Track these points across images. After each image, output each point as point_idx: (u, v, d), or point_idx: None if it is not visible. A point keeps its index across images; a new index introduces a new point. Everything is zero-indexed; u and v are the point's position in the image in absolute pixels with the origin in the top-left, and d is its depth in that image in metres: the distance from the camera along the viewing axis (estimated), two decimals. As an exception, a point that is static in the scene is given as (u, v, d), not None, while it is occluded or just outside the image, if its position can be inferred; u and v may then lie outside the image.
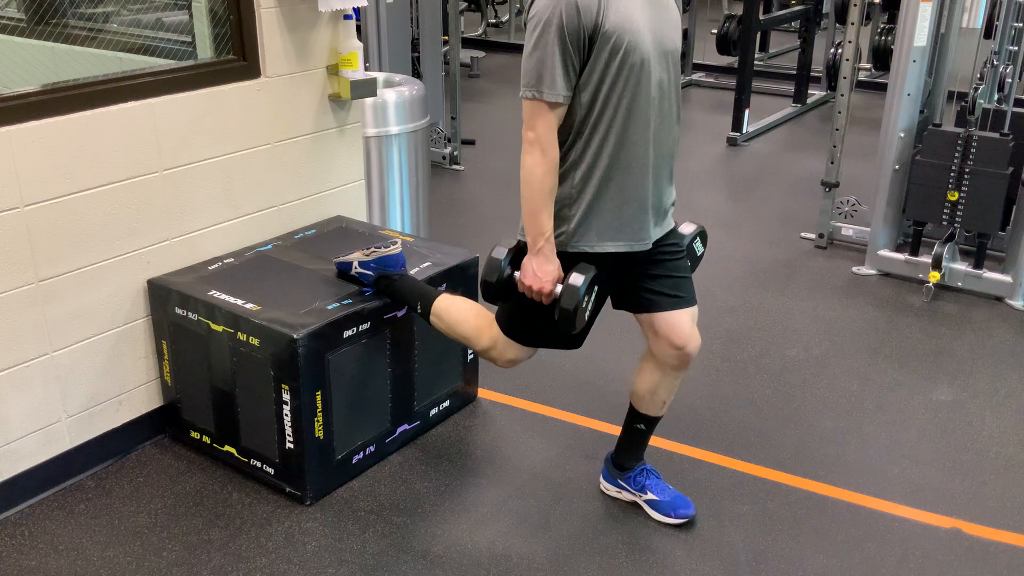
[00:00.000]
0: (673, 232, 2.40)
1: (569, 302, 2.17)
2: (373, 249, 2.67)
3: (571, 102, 2.14)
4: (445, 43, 5.98)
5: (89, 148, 2.54)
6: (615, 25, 2.07)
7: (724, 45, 7.50)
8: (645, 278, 2.35)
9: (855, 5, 4.59)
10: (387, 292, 2.68)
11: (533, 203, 2.17)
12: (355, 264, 2.70)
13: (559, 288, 2.20)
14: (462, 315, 2.55)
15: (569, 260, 2.23)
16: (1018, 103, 4.13)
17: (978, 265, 4.01)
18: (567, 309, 2.17)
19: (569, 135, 2.18)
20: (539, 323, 2.33)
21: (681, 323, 2.37)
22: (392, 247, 2.66)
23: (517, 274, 2.26)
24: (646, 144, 2.20)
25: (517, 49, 9.53)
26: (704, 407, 3.14)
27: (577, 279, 2.17)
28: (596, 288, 2.23)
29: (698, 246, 2.58)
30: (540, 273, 2.20)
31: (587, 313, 2.24)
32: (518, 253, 2.28)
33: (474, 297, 2.84)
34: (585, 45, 2.08)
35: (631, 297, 2.40)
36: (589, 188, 2.20)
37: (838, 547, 2.50)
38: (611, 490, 2.67)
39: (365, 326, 2.63)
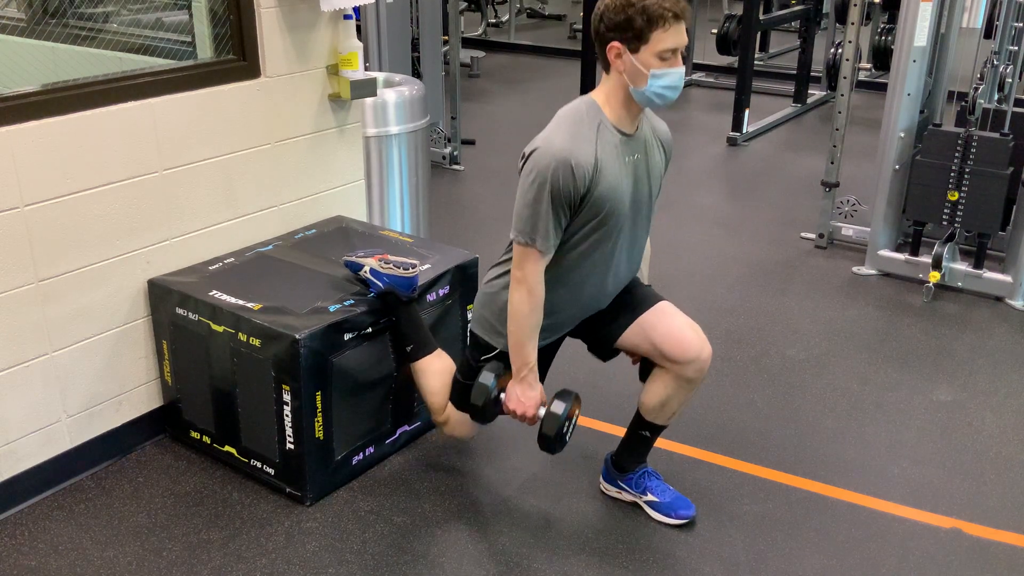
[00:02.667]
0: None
1: (550, 429, 2.36)
2: (393, 265, 2.65)
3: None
4: (445, 43, 5.98)
5: (89, 148, 2.54)
6: (601, 194, 2.21)
7: (724, 45, 7.50)
8: (598, 321, 2.48)
9: (855, 5, 4.58)
10: (388, 311, 2.68)
11: (519, 336, 2.32)
12: (367, 269, 2.68)
13: (542, 411, 2.39)
14: (437, 386, 2.65)
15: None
16: (1018, 103, 4.13)
17: (978, 265, 4.01)
18: (547, 435, 2.37)
19: None
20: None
21: (672, 331, 2.39)
22: (410, 272, 2.64)
23: (503, 396, 2.43)
24: (603, 277, 2.37)
25: (517, 49, 9.54)
26: (704, 407, 3.14)
27: (558, 407, 2.36)
28: (576, 414, 2.42)
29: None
30: (524, 399, 2.38)
31: (567, 437, 2.41)
32: (501, 376, 2.44)
33: (472, 294, 2.84)
34: (575, 205, 2.21)
35: (600, 344, 2.54)
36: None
37: (838, 547, 2.50)
38: (611, 490, 2.67)
39: (366, 327, 2.63)
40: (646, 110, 2.32)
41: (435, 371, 2.65)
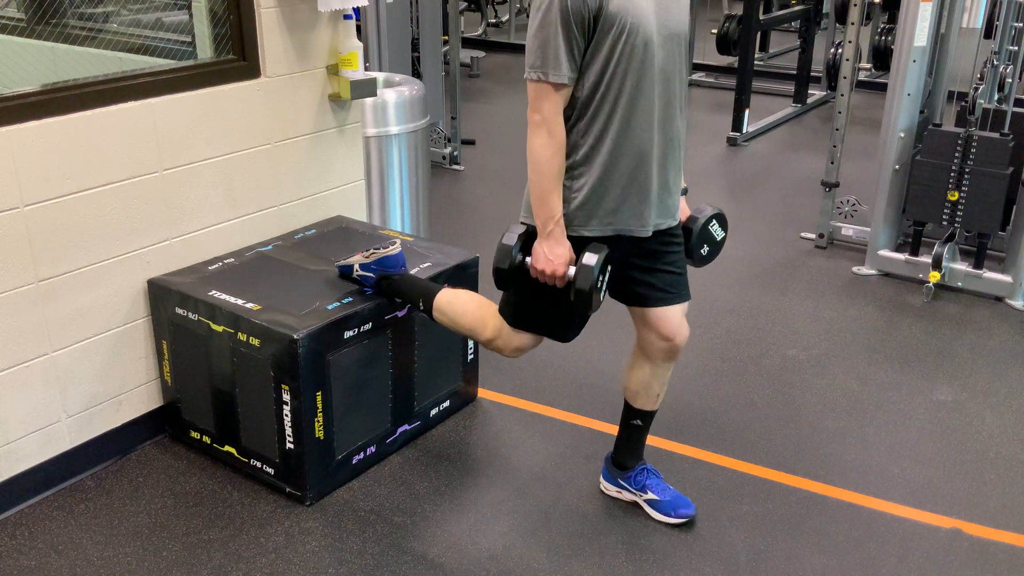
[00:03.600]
0: (676, 226, 2.38)
1: (584, 282, 2.15)
2: (373, 251, 2.67)
3: (574, 83, 2.13)
4: (445, 43, 5.98)
5: (89, 148, 2.54)
6: (619, 6, 2.06)
7: (724, 45, 7.50)
8: (640, 270, 2.34)
9: (855, 5, 4.59)
10: (389, 292, 2.68)
11: (542, 186, 2.15)
12: (356, 267, 2.69)
13: (572, 270, 2.19)
14: (465, 307, 2.53)
15: (572, 244, 2.22)
16: (1018, 103, 4.12)
17: (978, 265, 4.01)
18: (583, 289, 2.15)
19: (571, 117, 2.17)
20: (548, 308, 2.32)
21: (671, 316, 2.38)
22: (391, 247, 2.66)
23: (529, 259, 2.23)
24: (650, 129, 2.18)
25: (517, 49, 9.53)
26: (704, 407, 3.14)
27: (591, 259, 2.15)
28: (609, 267, 2.22)
29: (716, 231, 2.47)
30: (552, 256, 2.18)
31: (602, 293, 2.22)
32: (528, 238, 2.25)
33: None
34: (589, 26, 2.07)
35: (624, 288, 2.39)
36: (591, 171, 2.18)
37: (838, 547, 2.50)
38: (611, 490, 2.67)
39: (365, 326, 2.63)
40: None
41: (450, 299, 2.55)
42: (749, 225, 4.87)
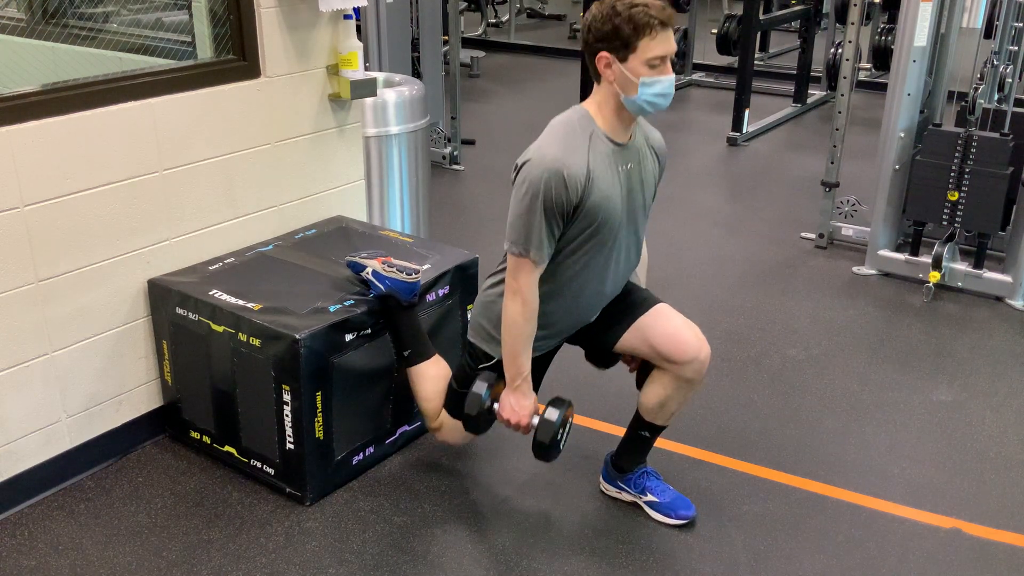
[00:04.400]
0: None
1: (544, 436, 2.37)
2: (395, 270, 2.63)
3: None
4: (445, 43, 5.98)
5: (89, 148, 2.54)
6: (595, 204, 2.21)
7: (724, 45, 7.50)
8: (596, 327, 2.48)
9: (855, 5, 4.59)
10: (387, 314, 2.67)
11: (514, 346, 2.33)
12: (369, 271, 2.67)
13: (535, 420, 2.39)
14: (432, 392, 2.65)
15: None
16: (1018, 103, 4.13)
17: (978, 265, 4.01)
18: (542, 442, 2.37)
19: None
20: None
21: (669, 331, 2.38)
22: (412, 276, 2.63)
23: (496, 406, 2.43)
24: (601, 286, 2.38)
25: (517, 49, 9.54)
26: (704, 407, 3.14)
27: (552, 414, 2.37)
28: (570, 422, 2.44)
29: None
30: (518, 408, 2.38)
31: (563, 443, 2.43)
32: (494, 385, 2.44)
33: (472, 294, 2.84)
34: (568, 215, 2.21)
35: (598, 349, 2.55)
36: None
37: (838, 547, 2.50)
38: (611, 491, 2.67)
39: (366, 328, 2.63)
40: (639, 119, 2.32)
41: (431, 377, 2.65)
42: (749, 225, 4.88)
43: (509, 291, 2.29)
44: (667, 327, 2.39)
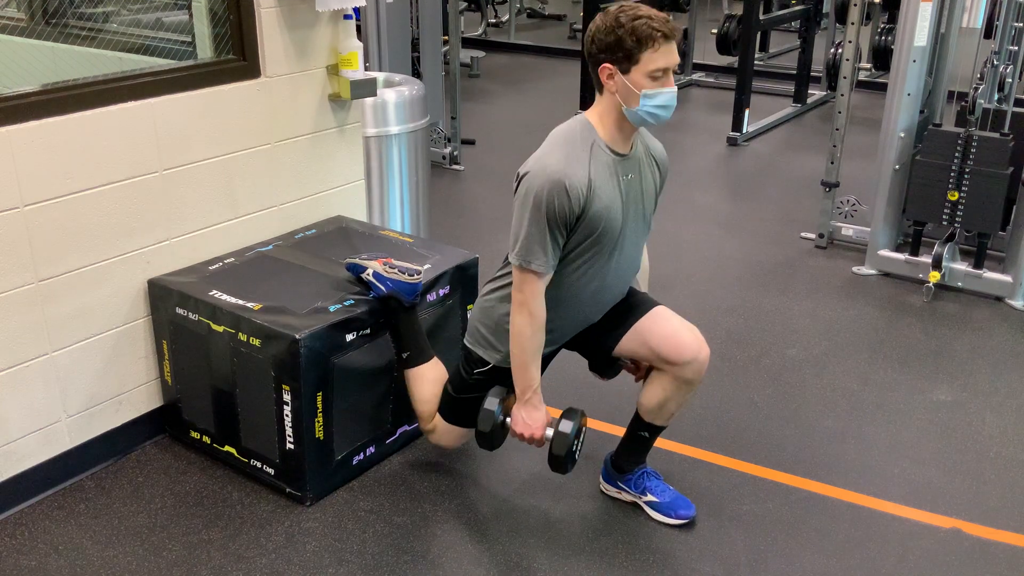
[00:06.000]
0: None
1: (560, 449, 2.35)
2: (396, 271, 2.63)
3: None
4: (445, 43, 5.98)
5: (89, 148, 2.54)
6: (596, 214, 2.22)
7: (724, 45, 7.49)
8: (596, 332, 2.48)
9: (855, 5, 4.59)
10: (387, 315, 2.67)
11: (523, 359, 2.33)
12: (370, 272, 2.67)
13: (549, 432, 2.38)
14: (429, 395, 2.64)
15: (508, 374, 2.40)
16: (1018, 103, 4.13)
17: (978, 265, 4.01)
18: (558, 455, 2.36)
19: None
20: (470, 412, 2.48)
21: (668, 333, 2.39)
22: (414, 277, 2.63)
23: (508, 420, 2.42)
24: (599, 292, 2.38)
25: (517, 49, 9.54)
26: (704, 407, 3.14)
27: (567, 426, 2.36)
28: (584, 431, 2.43)
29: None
30: (530, 421, 2.38)
31: (578, 453, 2.42)
32: (506, 399, 2.44)
33: (472, 294, 2.84)
34: (570, 226, 2.22)
35: (598, 354, 2.54)
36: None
37: (838, 547, 2.50)
38: (611, 491, 2.67)
39: (366, 328, 2.63)
40: (641, 129, 2.32)
41: (429, 380, 2.65)
42: (749, 225, 4.87)
43: (516, 304, 2.29)
44: (665, 329, 2.39)
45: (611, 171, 2.24)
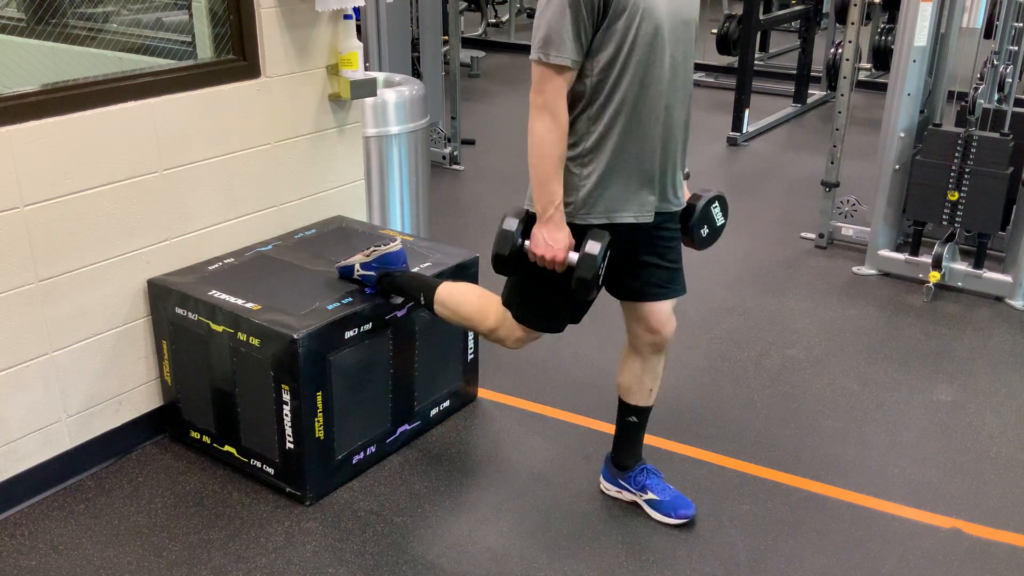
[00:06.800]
0: (674, 215, 2.35)
1: (587, 271, 2.14)
2: (373, 249, 2.67)
3: (582, 68, 2.10)
4: (445, 43, 5.98)
5: (89, 148, 2.54)
6: None
7: (724, 45, 7.50)
8: (636, 265, 2.32)
9: (855, 5, 4.59)
10: (390, 289, 2.68)
11: (543, 170, 2.12)
12: (357, 267, 2.68)
13: (573, 256, 2.18)
14: (465, 298, 2.53)
15: (575, 231, 2.20)
16: (1018, 103, 4.13)
17: (978, 265, 4.01)
18: (584, 278, 2.15)
19: (580, 103, 2.14)
20: (548, 295, 2.31)
21: (660, 310, 2.39)
22: (392, 244, 2.66)
23: (528, 244, 2.22)
24: (658, 116, 2.16)
25: (517, 49, 9.54)
26: (704, 407, 3.14)
27: (594, 247, 2.14)
28: (608, 253, 2.20)
29: (717, 214, 2.41)
30: (551, 242, 2.17)
31: (600, 280, 2.21)
32: (528, 223, 2.23)
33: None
34: (599, 9, 2.04)
35: (618, 282, 2.37)
36: (599, 160, 2.16)
37: (838, 547, 2.50)
38: (611, 490, 2.67)
39: (366, 326, 2.63)
40: None
41: (452, 291, 2.55)
42: (749, 225, 4.87)
43: (535, 108, 2.09)
44: (655, 306, 2.39)
45: None
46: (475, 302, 2.51)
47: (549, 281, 2.26)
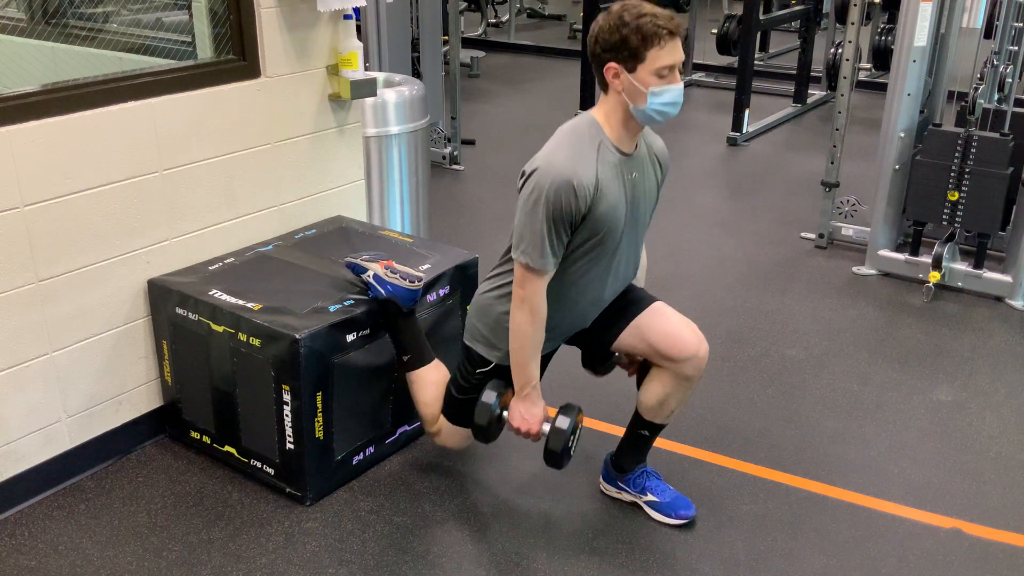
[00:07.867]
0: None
1: (556, 444, 2.38)
2: (398, 276, 2.61)
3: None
4: (445, 43, 5.98)
5: (89, 148, 2.54)
6: (601, 214, 2.21)
7: (724, 45, 7.50)
8: (594, 327, 2.49)
9: (855, 5, 4.59)
10: (386, 318, 2.66)
11: (523, 355, 2.33)
12: (371, 274, 2.66)
13: (546, 427, 2.40)
14: (432, 397, 2.64)
15: (501, 372, 2.43)
16: (1018, 103, 4.13)
17: (978, 265, 4.01)
18: (554, 451, 2.38)
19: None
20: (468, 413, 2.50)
21: (677, 333, 2.38)
22: (414, 284, 2.61)
23: (506, 414, 2.44)
24: (595, 296, 2.38)
25: (517, 49, 9.54)
26: (704, 407, 3.14)
27: (563, 422, 2.37)
28: (581, 427, 2.45)
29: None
30: (528, 416, 2.39)
31: (574, 449, 2.44)
32: (503, 393, 2.45)
33: (472, 293, 2.84)
34: (575, 224, 2.21)
35: (595, 348, 2.54)
36: None
37: (838, 547, 2.50)
38: (611, 491, 2.67)
39: (366, 327, 2.63)
40: (644, 127, 2.31)
41: (431, 382, 2.65)
42: (749, 225, 4.88)
43: (517, 300, 2.28)
44: (665, 325, 2.39)
45: (617, 171, 2.24)
46: (434, 406, 2.64)
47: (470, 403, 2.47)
